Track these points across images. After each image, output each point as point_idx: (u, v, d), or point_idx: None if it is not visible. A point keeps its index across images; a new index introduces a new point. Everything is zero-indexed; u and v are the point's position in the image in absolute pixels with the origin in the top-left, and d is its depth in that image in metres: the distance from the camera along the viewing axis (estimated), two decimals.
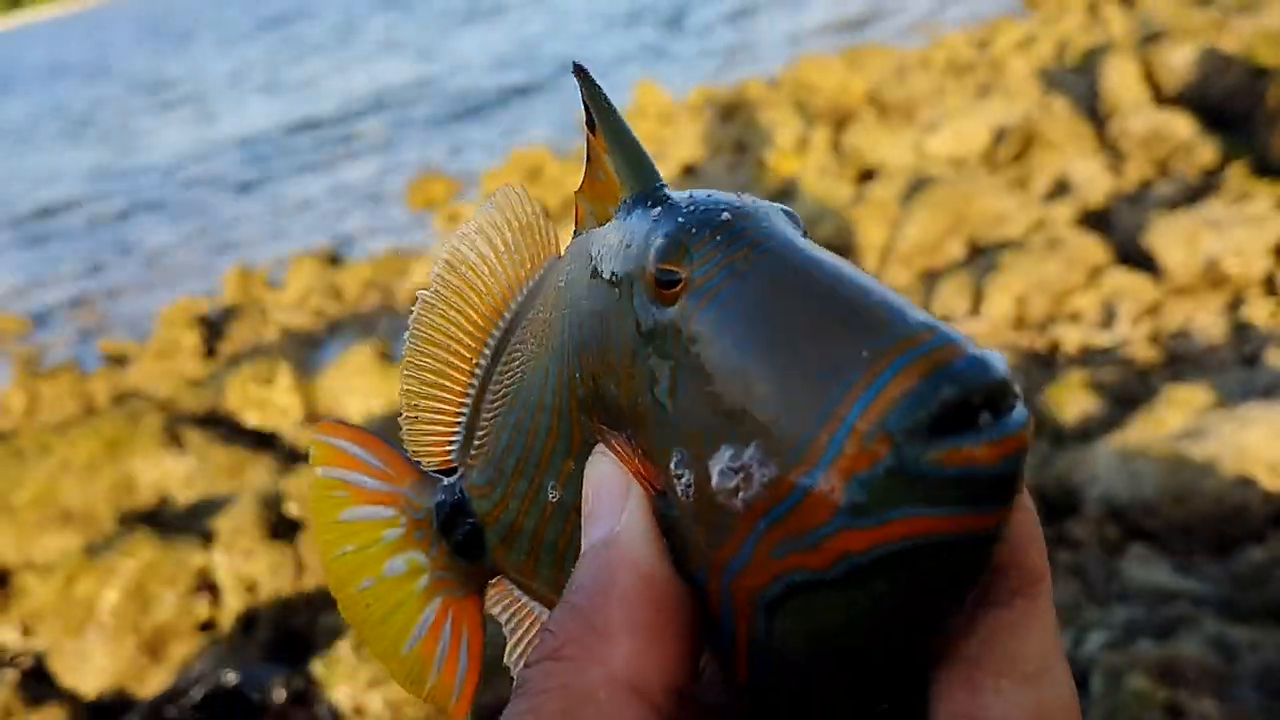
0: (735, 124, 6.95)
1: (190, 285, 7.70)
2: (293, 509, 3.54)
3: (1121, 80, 4.87)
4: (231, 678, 2.94)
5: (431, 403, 0.46)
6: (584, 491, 0.35)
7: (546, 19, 17.08)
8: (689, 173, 6.84)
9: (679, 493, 0.30)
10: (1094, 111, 5.02)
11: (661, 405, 0.31)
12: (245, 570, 3.33)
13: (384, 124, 12.14)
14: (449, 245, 0.46)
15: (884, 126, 5.56)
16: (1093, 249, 3.87)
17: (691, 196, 0.33)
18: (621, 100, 8.56)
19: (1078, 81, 5.53)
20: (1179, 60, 4.73)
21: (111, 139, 17.06)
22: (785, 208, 0.32)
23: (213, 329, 6.02)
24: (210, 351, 5.83)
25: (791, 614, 0.28)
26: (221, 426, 4.16)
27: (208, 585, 3.41)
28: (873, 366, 0.24)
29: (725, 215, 0.30)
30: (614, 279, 0.34)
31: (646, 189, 0.34)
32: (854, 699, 0.30)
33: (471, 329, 0.45)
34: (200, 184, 11.56)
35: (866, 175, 5.28)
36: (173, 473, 3.90)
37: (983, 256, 4.15)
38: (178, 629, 3.36)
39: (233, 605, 3.32)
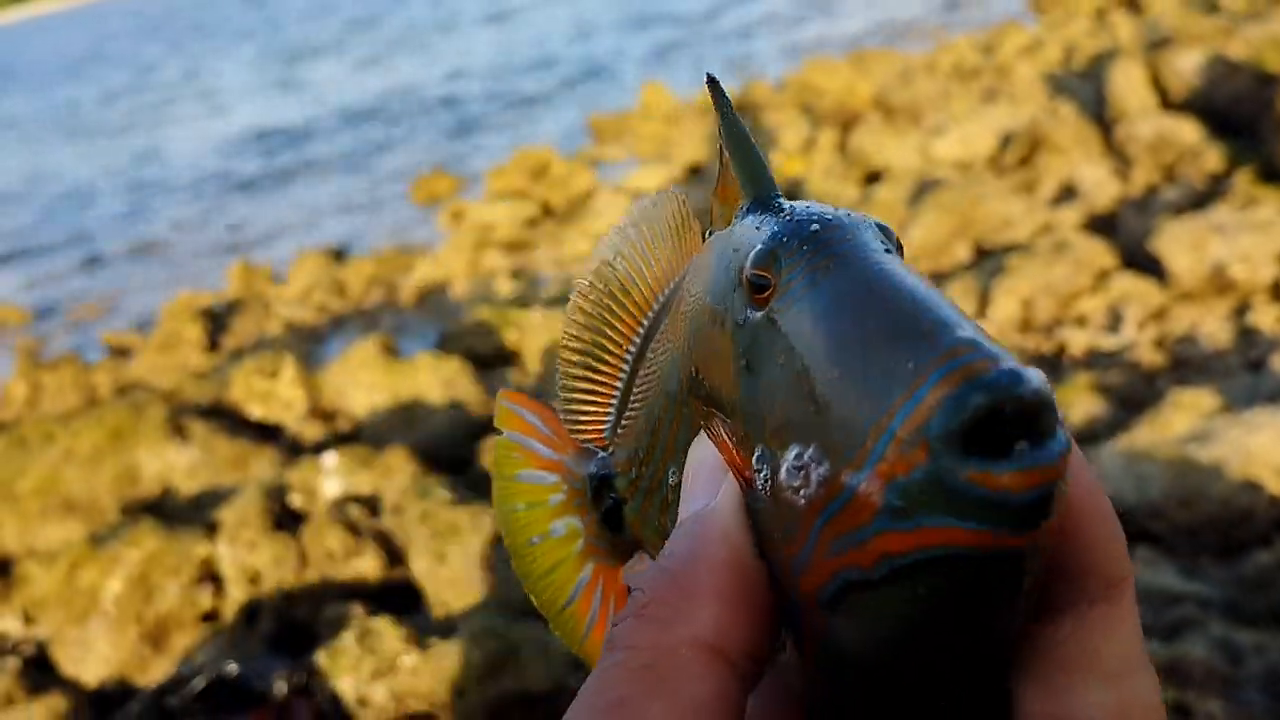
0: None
1: (195, 279, 7.70)
2: (296, 501, 3.54)
3: (1129, 85, 4.88)
4: (233, 668, 2.94)
5: (586, 382, 0.49)
6: (685, 471, 0.37)
7: (556, 21, 17.10)
8: (695, 173, 6.86)
9: (759, 486, 0.32)
10: (1101, 116, 5.04)
11: (749, 402, 0.33)
12: (248, 561, 3.33)
13: (390, 123, 12.15)
14: (610, 236, 0.50)
15: (890, 129, 5.57)
16: (1099, 253, 3.88)
17: (793, 207, 0.34)
18: (628, 101, 8.59)
19: (1084, 86, 5.54)
20: (1186, 66, 4.75)
21: (119, 134, 17.06)
22: (880, 223, 0.33)
23: (216, 323, 6.02)
24: (213, 345, 5.83)
25: (847, 612, 0.29)
26: (225, 418, 4.16)
27: (211, 576, 3.41)
28: (917, 377, 0.25)
29: (815, 227, 0.32)
30: (724, 279, 0.36)
31: (760, 196, 0.36)
32: (914, 701, 0.31)
33: (625, 316, 0.48)
34: (208, 179, 11.57)
35: (873, 177, 5.29)
36: (176, 464, 3.89)
37: (989, 259, 4.16)
38: (180, 619, 3.35)
39: (236, 596, 3.31)
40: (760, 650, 0.32)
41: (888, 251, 0.31)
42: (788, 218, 0.33)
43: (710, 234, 0.44)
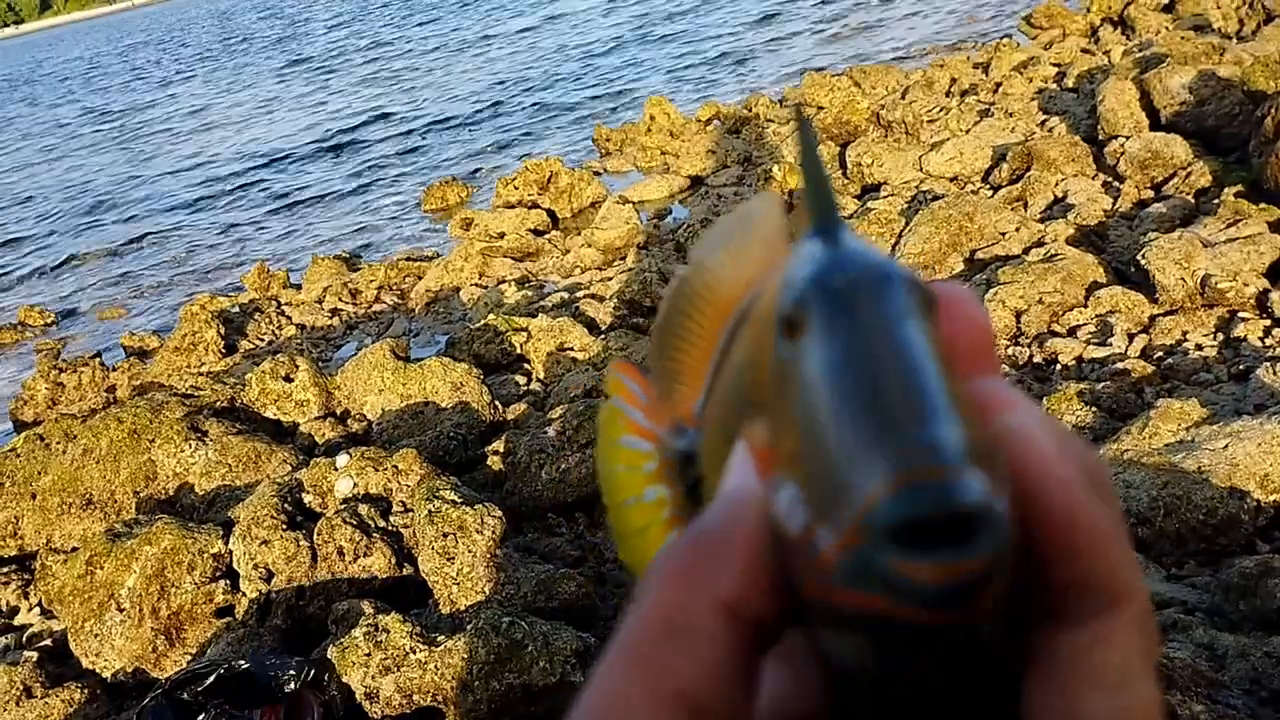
0: (742, 138, 7.07)
1: (213, 283, 7.83)
2: (308, 499, 3.63)
3: (1119, 103, 4.98)
4: (244, 663, 3.01)
5: (677, 363, 0.51)
6: (733, 453, 0.38)
7: (564, 35, 17.22)
8: (697, 184, 6.97)
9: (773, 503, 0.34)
10: (1092, 133, 5.14)
11: (772, 422, 0.35)
12: (262, 558, 3.41)
13: (404, 133, 12.27)
14: (713, 230, 0.52)
15: (887, 144, 5.67)
16: (1089, 266, 3.98)
17: (835, 253, 0.35)
18: (633, 115, 8.69)
19: (1076, 104, 5.65)
20: (1176, 85, 4.85)
21: (141, 142, 17.19)
22: (912, 278, 0.33)
23: (232, 325, 6.14)
24: (229, 347, 5.94)
25: (828, 636, 0.32)
26: (241, 419, 4.26)
27: (225, 572, 3.50)
28: (876, 464, 0.27)
29: (842, 281, 0.33)
30: (777, 304, 0.37)
31: (820, 228, 0.36)
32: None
33: (718, 306, 0.50)
34: (227, 187, 11.70)
35: (870, 190, 5.39)
36: (192, 462, 3.99)
37: (982, 271, 4.26)
38: (195, 614, 3.44)
39: (249, 592, 3.40)
40: (776, 620, 0.32)
41: (908, 314, 0.32)
42: (826, 263, 0.34)
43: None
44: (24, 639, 3.66)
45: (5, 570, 4.02)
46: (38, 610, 3.80)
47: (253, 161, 12.70)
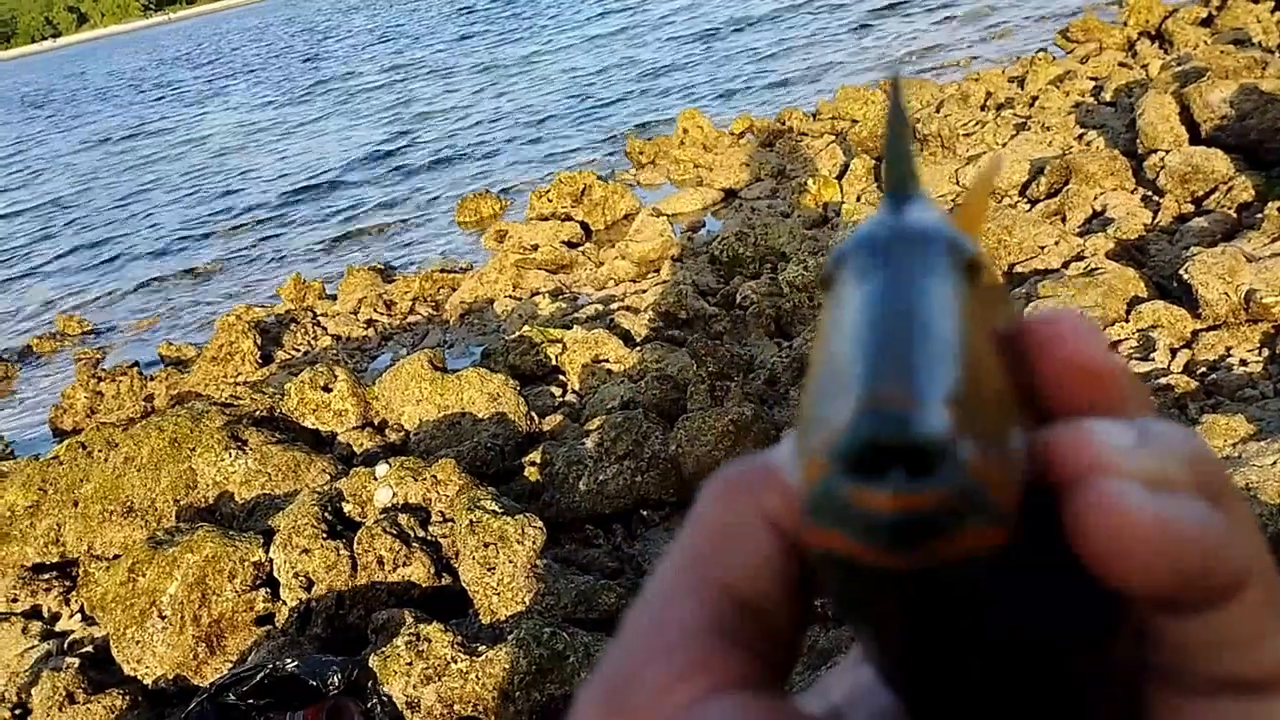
0: (775, 151, 7.08)
1: (249, 294, 7.91)
2: (348, 509, 3.66)
3: (1159, 117, 4.95)
4: (292, 665, 3.03)
5: None
6: None
7: (611, 55, 17.31)
8: (730, 196, 6.98)
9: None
10: (1131, 147, 5.11)
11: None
12: (302, 566, 3.44)
13: (439, 146, 12.36)
14: None
15: (923, 158, 5.66)
16: (1130, 281, 3.95)
17: (885, 216, 0.33)
18: (667, 128, 8.71)
19: (1115, 118, 5.62)
20: (1217, 99, 4.82)
21: (174, 157, 17.39)
22: (956, 239, 0.32)
23: (268, 336, 6.19)
24: (265, 357, 5.99)
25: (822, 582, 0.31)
26: (280, 428, 4.29)
27: (266, 580, 3.52)
28: (848, 397, 0.27)
29: (879, 234, 0.32)
30: None
31: (892, 195, 0.35)
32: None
33: None
34: (263, 199, 11.82)
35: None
36: (233, 471, 4.03)
37: (1021, 285, 4.24)
38: (235, 622, 3.47)
39: (289, 600, 3.42)
40: None
41: (935, 270, 0.31)
42: (873, 223, 0.33)
43: None
44: (66, 645, 3.70)
45: (48, 577, 4.06)
46: (80, 617, 3.84)
47: (289, 174, 12.82)
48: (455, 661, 2.84)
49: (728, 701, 0.28)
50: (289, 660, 2.97)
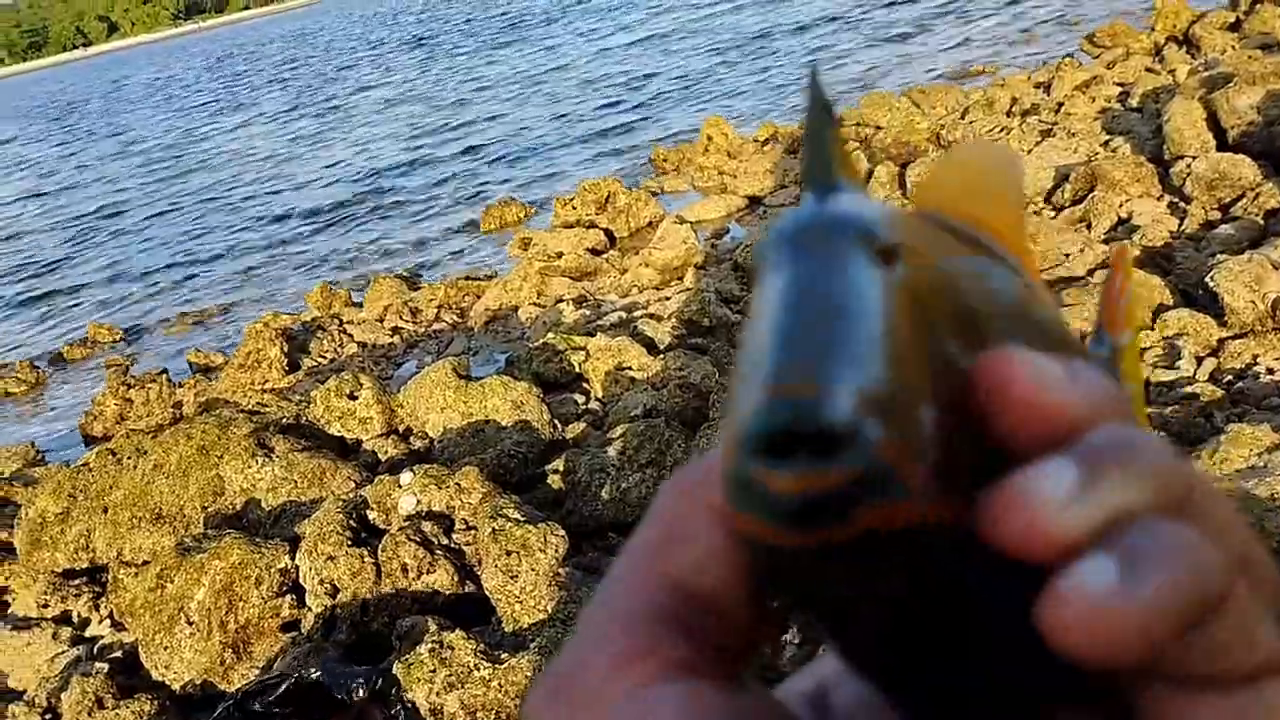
0: (800, 158, 7.07)
1: (275, 302, 7.98)
2: (373, 516, 3.69)
3: (1186, 123, 4.92)
4: (316, 674, 3.06)
5: None
6: None
7: (643, 60, 17.35)
8: (754, 204, 6.98)
9: None
10: (1157, 153, 5.08)
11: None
12: (328, 573, 3.47)
13: (464, 152, 12.43)
14: None
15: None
16: (1156, 288, 3.93)
17: (811, 201, 0.32)
18: (691, 135, 8.72)
19: (1141, 124, 5.59)
20: (1244, 104, 4.78)
21: (207, 165, 17.57)
22: (875, 228, 0.31)
23: (295, 343, 6.24)
24: (292, 364, 6.04)
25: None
26: (306, 435, 4.34)
27: (291, 587, 3.56)
28: (760, 383, 0.27)
29: (793, 229, 0.31)
30: None
31: (813, 187, 0.33)
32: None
33: None
34: (291, 207, 11.93)
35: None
36: (260, 478, 4.07)
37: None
38: (262, 628, 3.51)
39: (314, 607, 3.46)
40: None
41: (851, 258, 0.30)
42: (789, 215, 0.32)
43: None
44: (96, 651, 3.75)
45: (77, 583, 4.11)
46: (109, 623, 3.89)
47: (317, 183, 12.92)
48: (478, 669, 2.86)
49: (672, 688, 0.28)
50: (314, 670, 2.99)
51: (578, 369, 4.83)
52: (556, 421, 4.34)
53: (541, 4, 31.82)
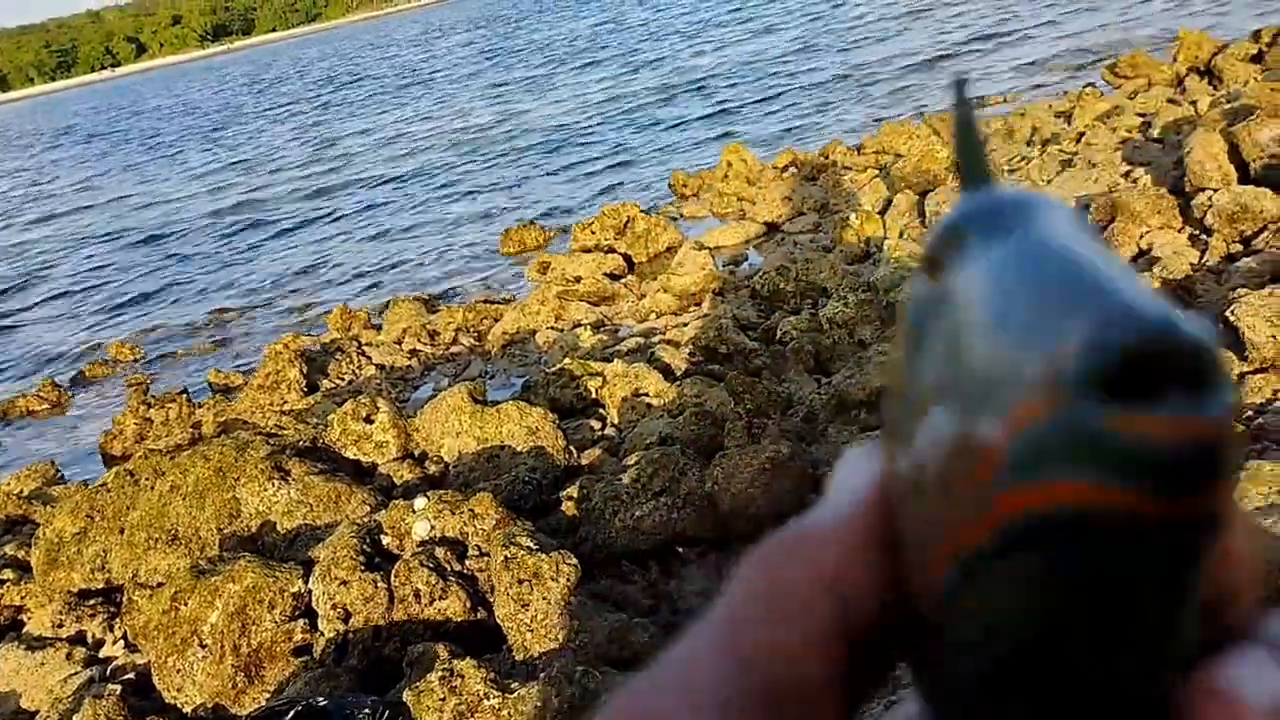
0: (819, 185, 7.07)
1: (296, 322, 8.03)
2: (386, 541, 3.69)
3: (1207, 155, 4.90)
4: (323, 701, 3.06)
5: None
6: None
7: (665, 78, 17.42)
8: (773, 230, 6.98)
9: (903, 467, 0.29)
10: (1179, 185, 5.06)
11: (909, 381, 0.29)
12: (340, 598, 3.47)
13: (484, 174, 12.50)
14: None
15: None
16: None
17: (986, 193, 0.31)
18: (710, 161, 8.74)
19: (1162, 155, 5.56)
20: (1266, 137, 4.76)
21: (239, 175, 17.72)
22: (1076, 210, 0.30)
23: (314, 365, 6.27)
24: (311, 386, 6.07)
25: (965, 603, 0.25)
26: (322, 459, 4.35)
27: (304, 611, 3.56)
28: (1061, 323, 0.22)
29: (997, 204, 0.29)
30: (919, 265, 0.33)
31: (972, 187, 0.33)
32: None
33: None
34: (311, 225, 12.02)
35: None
36: (275, 501, 4.08)
37: None
38: (274, 652, 3.50)
39: (327, 631, 3.45)
40: (876, 600, 0.29)
41: (1071, 225, 0.28)
42: (973, 199, 0.30)
43: None
44: (109, 672, 3.75)
45: (93, 603, 4.13)
46: (123, 644, 3.90)
47: (339, 204, 13.01)
48: (488, 698, 2.85)
49: None
50: (320, 698, 2.99)
51: (594, 394, 4.83)
52: (572, 448, 4.34)
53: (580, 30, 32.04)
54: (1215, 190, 4.73)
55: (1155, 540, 0.21)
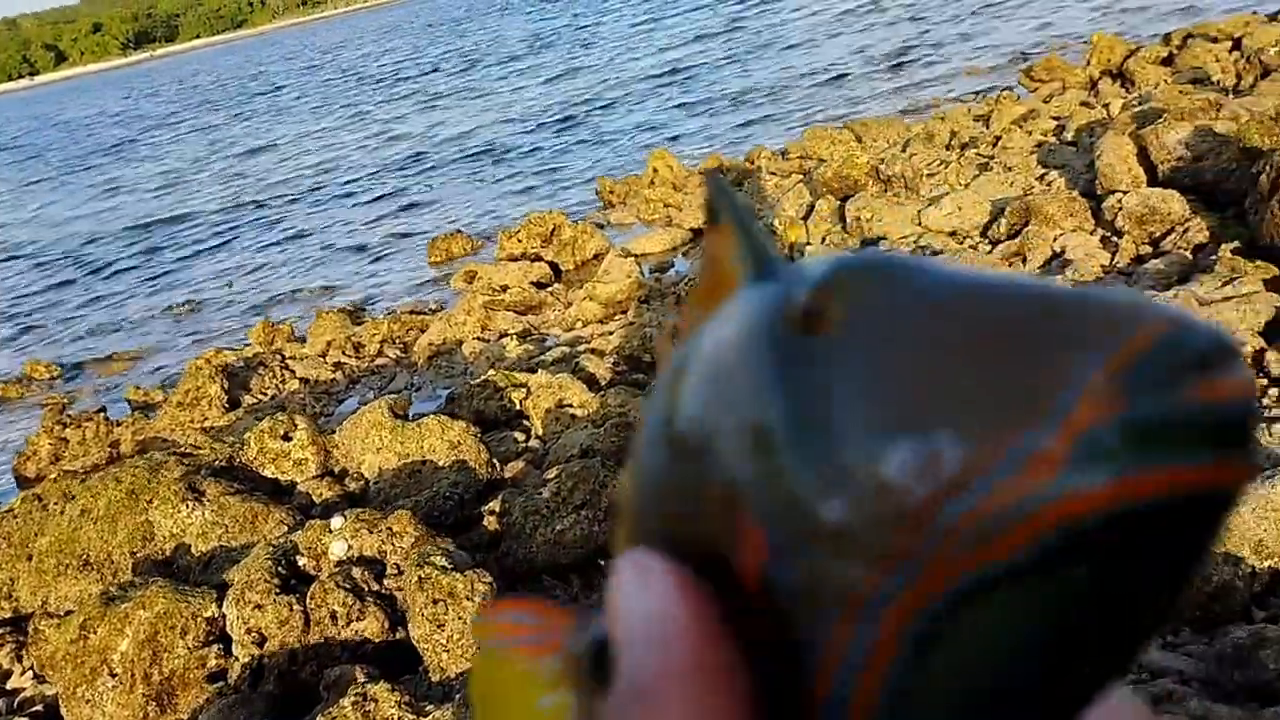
0: (745, 191, 7.11)
1: (218, 337, 7.88)
2: (303, 562, 3.63)
3: (1117, 158, 5.00)
4: None
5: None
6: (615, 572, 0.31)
7: (572, 90, 17.39)
8: (699, 236, 6.99)
9: (791, 536, 0.27)
10: (1091, 188, 5.15)
11: (788, 444, 0.27)
12: (255, 622, 3.40)
13: (408, 184, 12.38)
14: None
15: (886, 199, 5.69)
16: None
17: (825, 259, 0.30)
18: (636, 168, 8.74)
19: (1075, 158, 5.67)
20: (1173, 140, 4.86)
21: (152, 190, 17.37)
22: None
23: (236, 380, 6.15)
24: (233, 402, 5.96)
25: (966, 624, 0.24)
26: (239, 478, 4.26)
27: (219, 636, 3.48)
28: (1106, 331, 0.22)
29: (872, 258, 0.29)
30: (738, 340, 0.31)
31: (766, 270, 0.32)
32: None
33: None
34: (232, 235, 11.82)
35: (869, 245, 5.40)
36: (190, 523, 3.99)
37: None
38: (187, 679, 3.42)
39: (241, 657, 3.39)
40: None
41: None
42: (830, 262, 0.29)
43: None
44: (15, 704, 3.65)
45: (0, 633, 4.01)
46: (31, 675, 3.79)
47: (260, 212, 12.82)
48: None
49: None
50: None
51: (519, 406, 4.79)
52: (495, 461, 4.30)
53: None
54: (1125, 192, 4.83)
55: (1206, 509, 0.22)
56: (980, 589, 0.23)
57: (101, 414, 5.99)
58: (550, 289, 6.69)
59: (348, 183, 13.24)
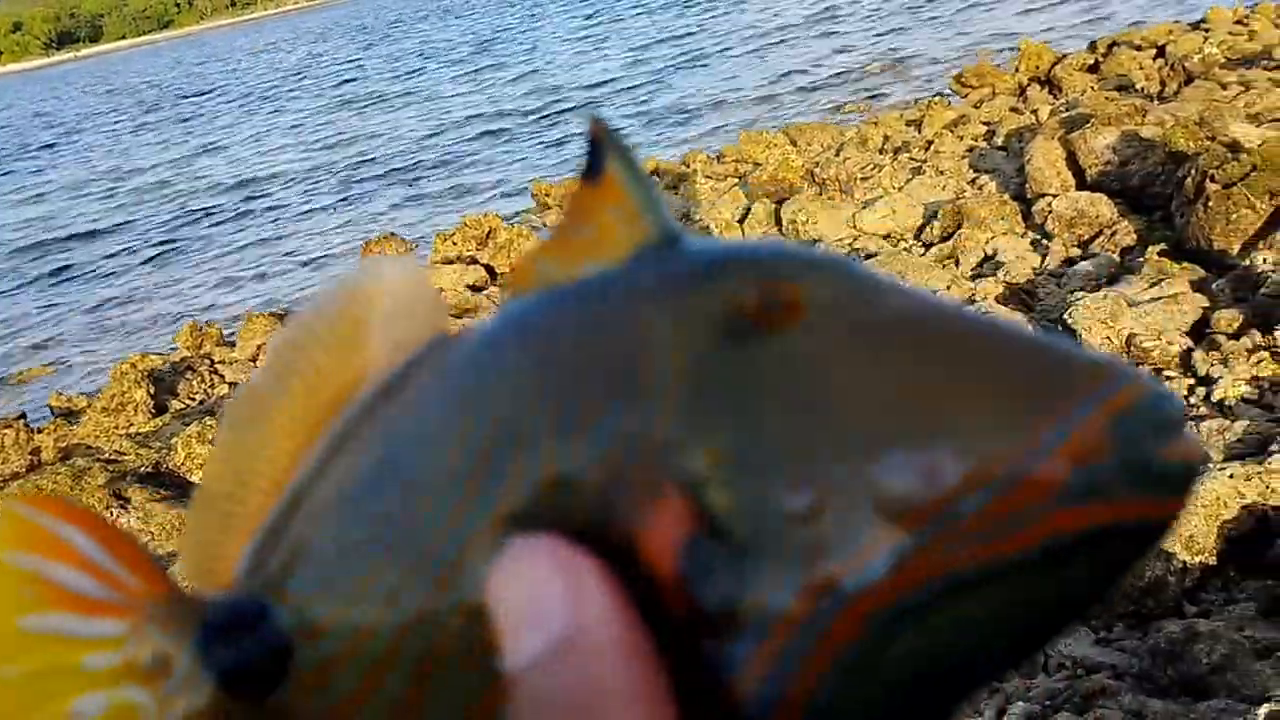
0: (680, 195, 7.13)
1: (144, 340, 7.70)
2: None
3: (1046, 162, 5.09)
4: None
5: (227, 504, 0.37)
6: (495, 598, 0.27)
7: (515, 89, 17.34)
8: None
9: (740, 534, 0.26)
10: (1021, 191, 5.25)
11: (738, 439, 0.27)
12: None
13: (342, 185, 12.24)
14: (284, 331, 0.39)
15: (821, 202, 5.75)
16: (1019, 325, 4.03)
17: (735, 243, 0.30)
18: (573, 173, 8.72)
19: (1006, 162, 5.77)
20: (1101, 144, 4.97)
21: (77, 194, 16.97)
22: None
23: (163, 385, 6.02)
24: (160, 407, 5.82)
25: (926, 625, 0.25)
26: (167, 484, 4.17)
27: None
28: (1091, 380, 0.26)
29: (815, 251, 0.29)
30: (648, 317, 0.29)
31: (667, 236, 0.30)
32: None
33: (308, 403, 0.37)
34: (160, 238, 11.57)
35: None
36: None
37: None
38: None
39: None
40: None
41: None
42: (770, 250, 0.29)
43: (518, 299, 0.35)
44: None
45: None
46: None
47: (185, 214, 12.58)
48: None
49: None
50: None
51: None
52: None
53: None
54: (1054, 196, 4.92)
55: (1157, 534, 0.26)
56: (969, 582, 0.26)
57: (21, 420, 5.81)
58: (486, 292, 6.64)
59: (280, 188, 13.05)
